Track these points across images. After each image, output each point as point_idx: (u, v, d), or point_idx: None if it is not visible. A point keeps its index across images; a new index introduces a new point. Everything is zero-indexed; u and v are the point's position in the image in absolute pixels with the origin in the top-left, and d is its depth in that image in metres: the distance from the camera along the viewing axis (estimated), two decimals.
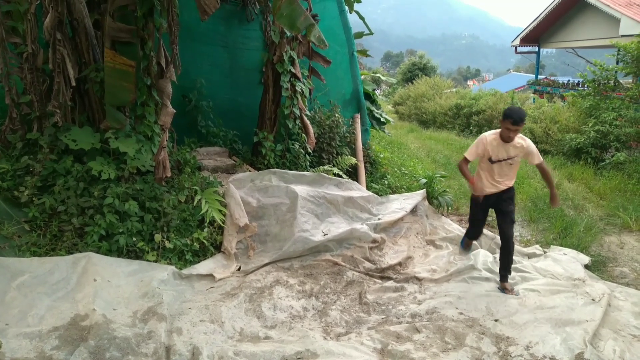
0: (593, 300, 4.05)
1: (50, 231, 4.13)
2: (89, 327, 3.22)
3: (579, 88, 16.30)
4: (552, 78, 25.91)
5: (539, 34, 21.07)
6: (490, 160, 4.23)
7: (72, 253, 3.96)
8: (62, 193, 4.25)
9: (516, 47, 22.15)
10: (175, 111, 4.75)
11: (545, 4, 20.35)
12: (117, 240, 4.12)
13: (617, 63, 11.58)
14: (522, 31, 21.53)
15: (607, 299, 4.07)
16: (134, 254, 4.23)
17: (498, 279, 4.42)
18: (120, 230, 4.19)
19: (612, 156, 9.59)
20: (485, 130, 4.94)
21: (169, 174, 4.68)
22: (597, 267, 5.04)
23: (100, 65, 4.50)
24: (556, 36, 20.47)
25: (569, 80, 21.91)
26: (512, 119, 3.98)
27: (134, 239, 4.23)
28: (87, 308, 3.40)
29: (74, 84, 4.34)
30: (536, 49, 22.06)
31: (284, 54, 6.16)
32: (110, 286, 3.72)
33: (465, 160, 4.32)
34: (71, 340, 3.12)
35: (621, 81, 12.18)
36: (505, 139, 4.13)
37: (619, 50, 10.97)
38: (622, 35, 14.22)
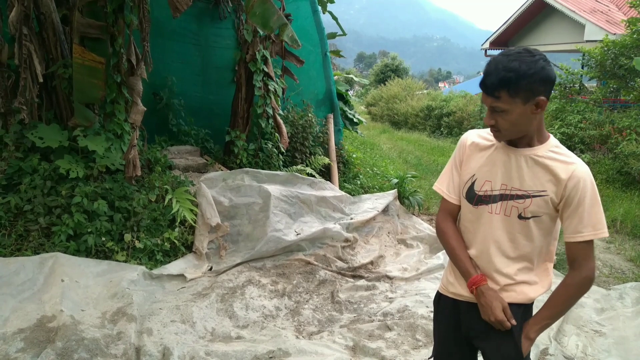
0: None
1: (15, 231, 4.02)
2: (56, 329, 3.15)
3: None
4: None
5: (508, 38, 21.51)
6: (469, 198, 1.89)
7: (38, 253, 3.86)
8: (28, 192, 4.14)
9: (486, 50, 22.54)
10: (145, 109, 4.68)
11: (514, 8, 20.83)
12: (85, 240, 4.04)
13: (582, 67, 11.93)
14: (491, 34, 21.93)
15: None
16: (103, 254, 4.15)
17: None
18: (89, 230, 4.10)
19: None
20: (456, 132, 2.04)
21: (139, 173, 4.61)
22: (562, 265, 5.18)
23: (68, 62, 4.40)
24: (525, 40, 20.93)
25: None
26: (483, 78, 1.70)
27: (103, 238, 4.16)
28: (54, 309, 3.33)
29: (41, 80, 4.23)
30: None
31: (257, 52, 6.13)
32: (78, 287, 3.65)
33: (443, 208, 2.01)
34: (37, 342, 3.05)
35: (586, 85, 12.57)
36: (493, 131, 1.78)
37: (583, 55, 11.32)
38: (587, 41, 14.65)
